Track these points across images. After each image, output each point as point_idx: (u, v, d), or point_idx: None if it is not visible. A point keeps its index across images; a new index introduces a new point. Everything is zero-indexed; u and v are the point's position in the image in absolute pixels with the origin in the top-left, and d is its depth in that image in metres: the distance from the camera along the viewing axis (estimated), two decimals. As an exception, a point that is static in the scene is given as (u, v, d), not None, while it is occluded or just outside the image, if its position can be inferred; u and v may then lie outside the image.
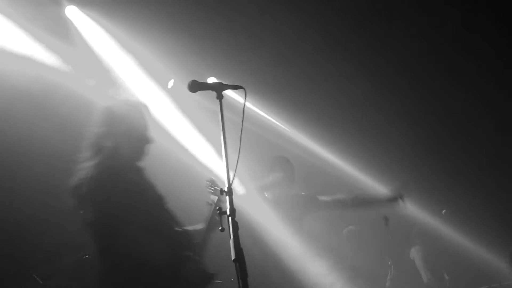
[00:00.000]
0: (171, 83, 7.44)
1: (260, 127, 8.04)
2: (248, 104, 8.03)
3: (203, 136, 7.17)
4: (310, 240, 5.48)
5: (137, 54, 7.03)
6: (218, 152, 3.30)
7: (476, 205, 7.56)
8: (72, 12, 6.64)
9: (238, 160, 3.11)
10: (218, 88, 3.35)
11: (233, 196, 2.97)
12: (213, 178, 4.30)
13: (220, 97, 3.31)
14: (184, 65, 7.44)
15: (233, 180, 3.04)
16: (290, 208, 5.66)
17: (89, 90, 6.27)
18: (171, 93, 7.37)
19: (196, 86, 3.32)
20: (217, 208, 3.00)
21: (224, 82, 7.87)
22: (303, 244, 5.39)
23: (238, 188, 5.19)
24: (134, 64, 7.06)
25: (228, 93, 7.71)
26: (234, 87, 3.43)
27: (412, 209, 6.46)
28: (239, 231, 2.86)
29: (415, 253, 6.51)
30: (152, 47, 7.02)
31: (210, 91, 3.36)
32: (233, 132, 3.32)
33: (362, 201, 5.85)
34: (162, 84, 7.37)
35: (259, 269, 4.74)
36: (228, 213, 2.92)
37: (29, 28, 6.15)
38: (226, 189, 2.98)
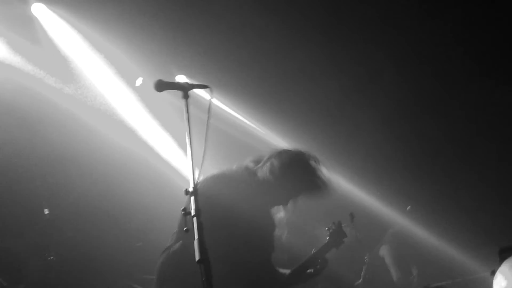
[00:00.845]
0: (139, 81, 7.40)
1: (228, 126, 8.03)
2: (217, 102, 8.02)
3: (171, 135, 7.16)
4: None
5: (105, 51, 6.96)
6: (186, 151, 3.26)
7: (442, 200, 7.67)
8: (39, 10, 6.55)
9: (203, 160, 3.10)
10: (184, 88, 3.31)
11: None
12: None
13: (186, 96, 3.28)
14: (152, 62, 7.39)
15: (198, 180, 3.03)
16: None
17: (56, 93, 6.23)
18: (139, 91, 7.33)
19: (162, 86, 3.30)
20: (182, 209, 2.98)
21: (192, 81, 7.93)
22: None
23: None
24: (102, 62, 7.00)
25: (197, 91, 7.69)
26: (201, 87, 3.42)
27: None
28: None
29: (385, 251, 6.56)
30: (120, 44, 6.96)
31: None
32: (202, 130, 3.29)
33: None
34: (130, 82, 7.33)
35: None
36: (193, 213, 2.91)
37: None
38: (191, 189, 2.97)
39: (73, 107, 6.47)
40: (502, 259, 4.62)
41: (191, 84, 3.33)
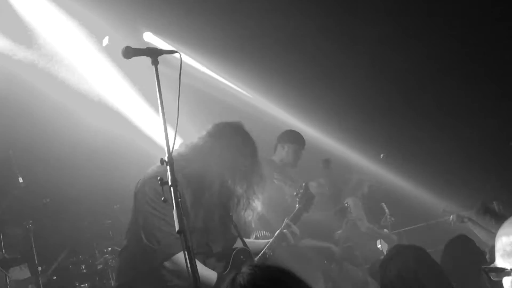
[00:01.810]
0: (106, 40, 7.24)
1: (200, 83, 7.95)
2: (188, 60, 7.91)
3: (142, 97, 7.08)
4: None
5: (70, 8, 6.78)
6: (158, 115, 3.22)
7: (415, 147, 7.77)
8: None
9: (176, 129, 3.07)
10: (153, 53, 3.25)
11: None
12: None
13: (155, 62, 3.22)
14: (119, 20, 7.23)
15: (173, 149, 3.02)
16: None
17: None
18: (107, 50, 7.19)
19: (129, 52, 3.23)
20: (159, 178, 2.97)
21: (160, 38, 7.80)
22: None
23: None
24: (68, 20, 6.82)
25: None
26: (169, 52, 3.36)
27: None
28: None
29: (351, 203, 6.63)
30: (86, 1, 6.78)
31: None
32: (176, 91, 3.22)
33: None
34: (97, 41, 7.17)
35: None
36: (170, 183, 2.90)
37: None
38: (166, 159, 2.96)
39: (36, 74, 6.33)
40: (479, 212, 4.74)
41: (160, 50, 3.28)
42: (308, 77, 8.08)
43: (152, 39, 7.91)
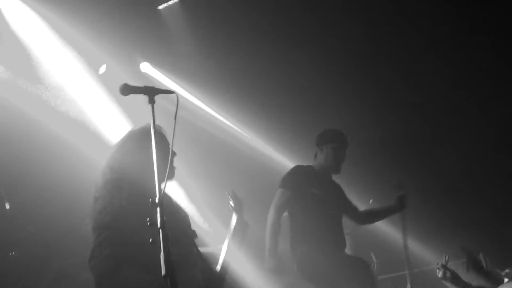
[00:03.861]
0: (103, 69, 7.29)
1: (195, 117, 7.98)
2: (183, 93, 7.93)
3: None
4: None
5: (68, 38, 6.83)
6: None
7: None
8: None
9: (168, 170, 3.06)
10: (150, 92, 3.25)
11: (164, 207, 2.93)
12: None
13: (152, 101, 3.22)
14: (117, 49, 7.29)
15: (164, 189, 3.01)
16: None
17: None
18: (103, 79, 7.22)
19: (127, 90, 3.22)
20: (148, 219, 2.94)
21: (157, 69, 7.83)
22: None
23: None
24: (65, 48, 6.86)
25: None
26: (166, 92, 3.36)
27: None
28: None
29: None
30: (84, 31, 6.83)
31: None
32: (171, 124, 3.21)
33: (374, 217, 5.87)
34: (94, 69, 7.22)
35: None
36: (159, 225, 2.88)
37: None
38: (156, 200, 2.94)
39: (31, 102, 6.35)
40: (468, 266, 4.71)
41: (157, 89, 3.27)
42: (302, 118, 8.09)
43: (149, 69, 7.97)
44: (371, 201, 7.11)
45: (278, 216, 5.11)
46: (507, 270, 6.55)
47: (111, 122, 7.03)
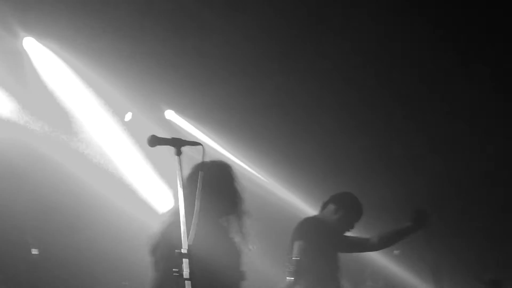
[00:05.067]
0: (128, 116, 7.43)
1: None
2: (208, 141, 8.00)
3: (160, 175, 7.18)
4: None
5: (95, 86, 7.00)
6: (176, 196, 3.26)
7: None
8: (30, 44, 6.58)
9: (195, 219, 3.09)
10: (177, 144, 3.31)
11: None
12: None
13: (178, 153, 3.28)
14: (142, 97, 7.45)
15: (191, 240, 3.03)
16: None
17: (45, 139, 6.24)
18: (129, 126, 7.36)
19: (155, 141, 3.30)
20: (175, 270, 2.97)
21: (182, 116, 7.91)
22: None
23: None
24: (92, 97, 7.03)
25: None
26: (193, 144, 3.42)
27: None
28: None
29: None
30: (110, 79, 7.00)
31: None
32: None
33: (389, 238, 5.54)
34: (120, 117, 7.36)
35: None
36: (186, 276, 2.90)
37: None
38: (184, 251, 2.96)
39: (59, 150, 6.48)
40: None
41: (184, 141, 3.33)
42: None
43: (173, 117, 8.10)
44: (396, 252, 7.03)
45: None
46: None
47: (136, 169, 7.13)
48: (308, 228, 5.32)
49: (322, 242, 5.23)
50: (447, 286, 5.74)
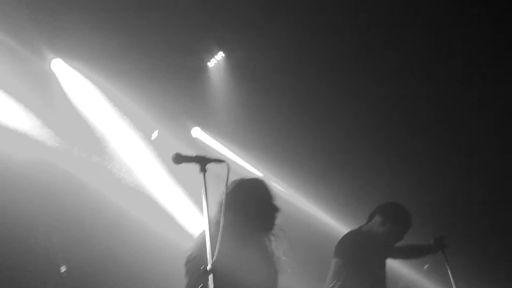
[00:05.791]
0: (155, 134, 7.50)
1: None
2: (234, 158, 8.01)
3: (187, 194, 7.22)
4: None
5: (122, 106, 7.09)
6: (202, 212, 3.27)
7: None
8: (58, 66, 6.70)
9: (220, 236, 3.10)
10: (202, 161, 3.33)
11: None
12: None
13: (203, 170, 3.29)
14: (168, 116, 7.52)
15: (215, 257, 3.03)
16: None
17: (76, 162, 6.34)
18: (155, 144, 7.42)
19: (180, 159, 3.30)
20: (201, 286, 2.97)
21: (208, 133, 7.94)
22: None
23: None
24: (119, 117, 7.12)
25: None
26: (218, 161, 3.42)
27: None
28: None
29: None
30: (137, 98, 7.09)
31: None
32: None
33: (405, 252, 5.49)
34: (147, 136, 7.44)
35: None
36: (213, 292, 2.91)
37: (13, 88, 6.20)
38: (208, 268, 2.97)
39: (88, 170, 6.57)
40: None
41: (209, 158, 3.33)
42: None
43: (199, 134, 8.14)
44: (426, 266, 6.93)
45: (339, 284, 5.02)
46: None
47: (163, 187, 7.18)
48: (348, 244, 5.15)
49: (362, 259, 5.07)
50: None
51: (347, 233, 5.32)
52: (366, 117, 7.74)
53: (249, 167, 8.18)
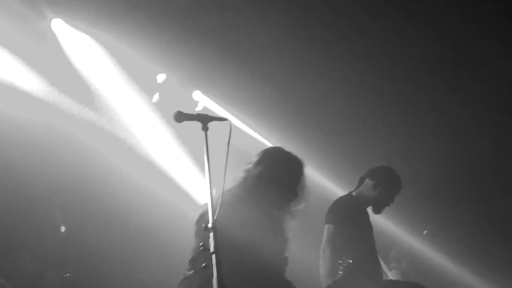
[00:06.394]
0: (156, 97, 7.47)
1: (248, 147, 8.03)
2: (235, 121, 7.99)
3: (189, 156, 7.22)
4: None
5: (123, 65, 7.04)
6: (204, 175, 3.25)
7: (462, 224, 7.60)
8: (58, 26, 6.63)
9: (221, 196, 3.10)
10: (203, 119, 3.29)
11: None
12: None
13: (205, 128, 3.26)
14: (169, 78, 7.47)
15: (216, 215, 3.04)
16: None
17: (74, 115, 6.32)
18: (157, 106, 7.40)
19: (181, 117, 3.27)
20: (201, 244, 2.98)
21: (208, 96, 7.92)
22: None
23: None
24: (121, 76, 7.07)
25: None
26: (219, 119, 3.40)
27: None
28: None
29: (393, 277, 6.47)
30: (139, 59, 7.04)
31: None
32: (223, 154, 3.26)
33: None
34: (148, 97, 7.41)
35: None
36: (212, 250, 2.92)
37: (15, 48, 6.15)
38: (209, 225, 2.98)
39: (89, 130, 6.56)
40: None
41: (210, 117, 3.30)
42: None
43: (200, 97, 8.11)
44: (425, 232, 6.97)
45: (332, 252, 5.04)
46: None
47: (165, 147, 7.19)
48: (339, 210, 5.15)
49: (354, 224, 5.09)
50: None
51: (338, 199, 5.31)
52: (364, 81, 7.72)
53: (250, 130, 8.18)
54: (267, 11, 7.02)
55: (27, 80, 6.29)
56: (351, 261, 4.40)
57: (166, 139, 7.31)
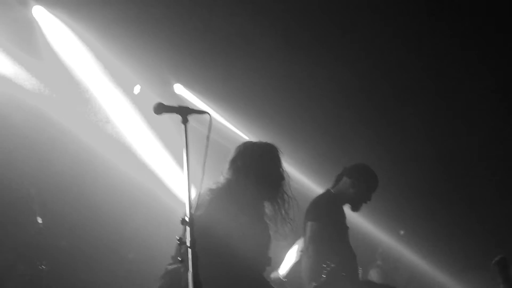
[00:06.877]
0: (137, 89, 7.41)
1: (226, 140, 8.01)
2: (215, 115, 7.97)
3: (168, 149, 7.19)
4: None
5: (103, 59, 6.97)
6: (182, 168, 3.23)
7: (436, 225, 7.64)
8: (39, 13, 6.55)
9: (200, 190, 3.09)
10: (183, 112, 3.27)
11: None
12: None
13: (185, 121, 3.23)
14: (150, 71, 7.41)
15: (194, 209, 3.02)
16: None
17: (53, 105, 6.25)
18: (137, 99, 7.34)
19: (161, 109, 3.25)
20: (178, 237, 2.96)
21: (190, 90, 7.89)
22: None
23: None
24: (100, 70, 7.01)
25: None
26: (199, 112, 3.38)
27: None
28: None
29: (374, 276, 6.50)
30: (118, 52, 6.97)
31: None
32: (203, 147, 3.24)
33: None
34: (128, 90, 7.34)
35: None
36: (188, 244, 2.90)
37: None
38: (186, 219, 2.95)
39: (68, 120, 6.49)
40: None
41: (190, 109, 3.29)
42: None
43: (181, 91, 8.07)
44: (402, 232, 7.01)
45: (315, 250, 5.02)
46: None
47: (143, 140, 7.15)
48: (322, 208, 5.13)
49: (335, 222, 5.10)
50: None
51: (319, 196, 5.28)
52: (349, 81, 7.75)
53: (229, 125, 8.16)
54: (247, 6, 7.01)
55: (6, 66, 6.22)
56: (334, 265, 4.40)
57: (145, 131, 7.26)
